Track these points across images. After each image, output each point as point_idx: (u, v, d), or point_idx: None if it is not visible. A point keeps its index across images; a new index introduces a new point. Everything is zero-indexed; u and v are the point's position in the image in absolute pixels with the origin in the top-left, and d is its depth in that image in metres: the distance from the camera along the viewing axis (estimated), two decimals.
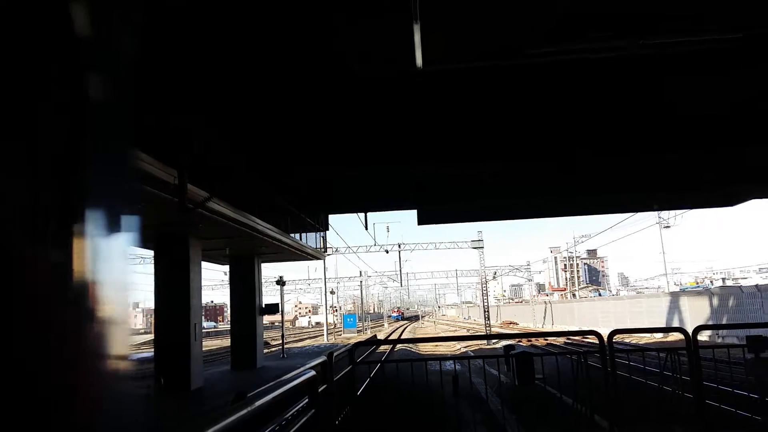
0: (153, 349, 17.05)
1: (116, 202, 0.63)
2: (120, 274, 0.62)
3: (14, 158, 0.50)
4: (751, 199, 16.70)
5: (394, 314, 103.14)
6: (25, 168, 0.51)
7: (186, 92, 8.88)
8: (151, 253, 17.73)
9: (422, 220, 17.65)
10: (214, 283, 76.56)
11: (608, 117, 10.50)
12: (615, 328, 5.79)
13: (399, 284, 63.76)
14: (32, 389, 0.51)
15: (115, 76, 0.65)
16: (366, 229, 24.30)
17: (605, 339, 5.44)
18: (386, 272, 69.41)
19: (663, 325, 37.61)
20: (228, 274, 23.55)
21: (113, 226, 0.61)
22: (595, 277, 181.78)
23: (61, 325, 0.56)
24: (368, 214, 21.76)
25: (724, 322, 30.98)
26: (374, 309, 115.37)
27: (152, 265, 17.08)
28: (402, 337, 49.00)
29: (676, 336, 21.04)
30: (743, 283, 49.82)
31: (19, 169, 0.51)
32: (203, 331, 23.94)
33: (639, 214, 38.29)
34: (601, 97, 9.79)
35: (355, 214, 21.33)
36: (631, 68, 8.53)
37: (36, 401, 0.52)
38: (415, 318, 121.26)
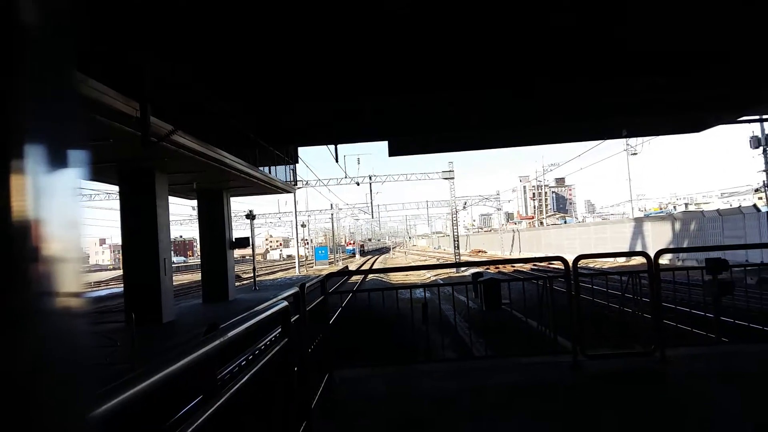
0: (122, 285, 17.00)
1: (62, 135, 0.59)
2: (68, 210, 0.58)
3: None
4: (716, 125, 16.97)
5: (349, 248, 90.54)
6: None
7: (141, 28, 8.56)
8: (116, 188, 17.37)
9: (393, 152, 17.59)
10: (182, 218, 76.33)
11: (565, 46, 10.56)
12: (580, 254, 5.93)
13: (370, 216, 64.11)
14: None
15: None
16: (336, 161, 24.08)
17: (570, 264, 5.58)
18: (357, 204, 69.65)
19: (627, 250, 38.84)
20: (196, 209, 23.30)
21: (59, 161, 0.57)
22: (562, 205, 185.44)
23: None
24: (339, 146, 21.53)
25: (685, 245, 32.09)
26: (345, 241, 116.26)
27: (118, 201, 16.80)
28: (373, 267, 49.74)
29: (638, 260, 21.81)
30: (705, 208, 51.32)
31: None
32: (173, 266, 23.77)
33: (607, 142, 38.75)
34: (560, 29, 9.78)
35: (326, 147, 21.09)
36: None
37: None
38: (385, 250, 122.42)
